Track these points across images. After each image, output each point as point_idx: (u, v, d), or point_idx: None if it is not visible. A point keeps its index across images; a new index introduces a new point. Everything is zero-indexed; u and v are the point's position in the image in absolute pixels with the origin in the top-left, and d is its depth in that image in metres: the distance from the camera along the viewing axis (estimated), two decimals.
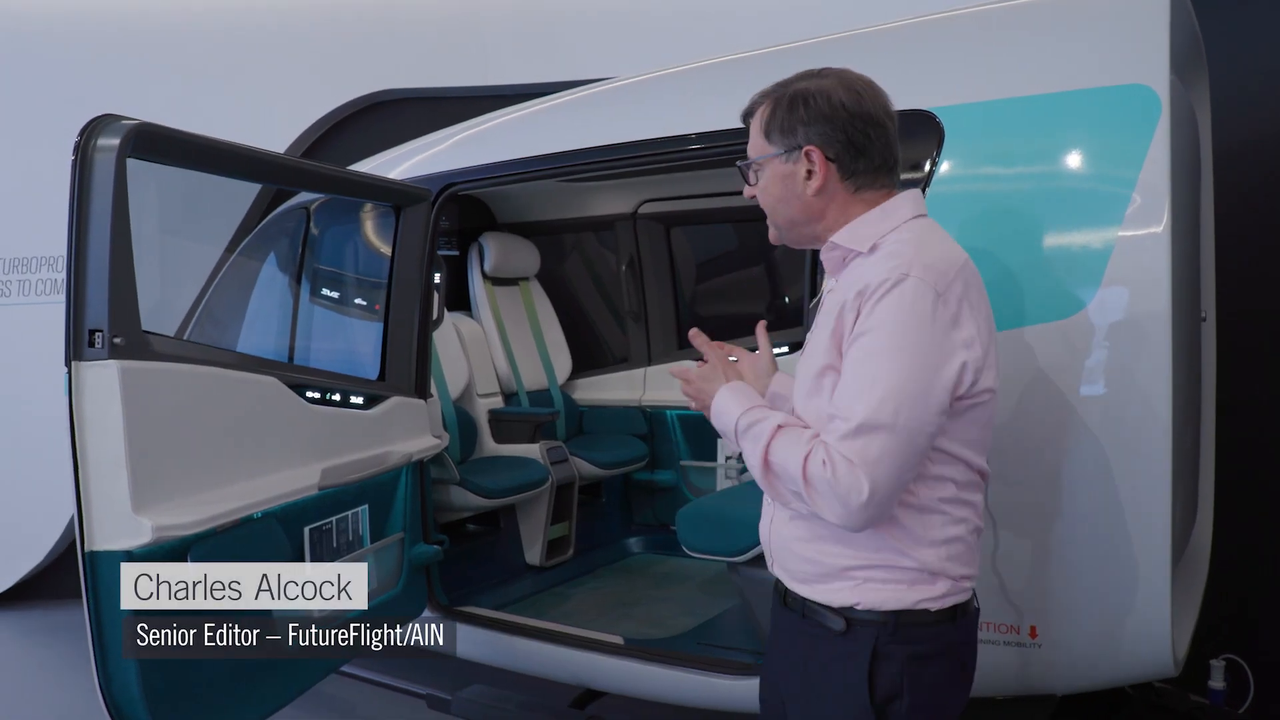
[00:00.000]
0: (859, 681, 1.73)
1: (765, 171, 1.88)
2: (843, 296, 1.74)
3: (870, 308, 1.67)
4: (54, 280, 5.84)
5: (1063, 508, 2.40)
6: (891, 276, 1.66)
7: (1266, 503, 3.79)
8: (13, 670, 5.09)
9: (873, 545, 1.74)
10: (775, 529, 1.89)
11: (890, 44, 2.92)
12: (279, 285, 4.26)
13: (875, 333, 1.65)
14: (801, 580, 1.84)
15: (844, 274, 1.85)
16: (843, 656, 1.76)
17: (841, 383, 1.68)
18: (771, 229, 1.94)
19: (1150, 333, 2.29)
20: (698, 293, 5.41)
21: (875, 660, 1.73)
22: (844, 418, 1.63)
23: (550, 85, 4.42)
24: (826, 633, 1.78)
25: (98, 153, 2.31)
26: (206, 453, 2.53)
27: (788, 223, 1.90)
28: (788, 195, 1.86)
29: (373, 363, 3.56)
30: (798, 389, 1.85)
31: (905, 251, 1.72)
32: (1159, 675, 2.50)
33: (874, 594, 1.74)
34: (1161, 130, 2.30)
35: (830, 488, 1.61)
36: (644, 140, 3.20)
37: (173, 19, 6.04)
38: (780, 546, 1.88)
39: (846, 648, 1.75)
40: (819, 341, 1.78)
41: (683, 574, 4.57)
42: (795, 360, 1.96)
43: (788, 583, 1.88)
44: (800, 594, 1.84)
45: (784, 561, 1.88)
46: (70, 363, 2.29)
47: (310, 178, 3.49)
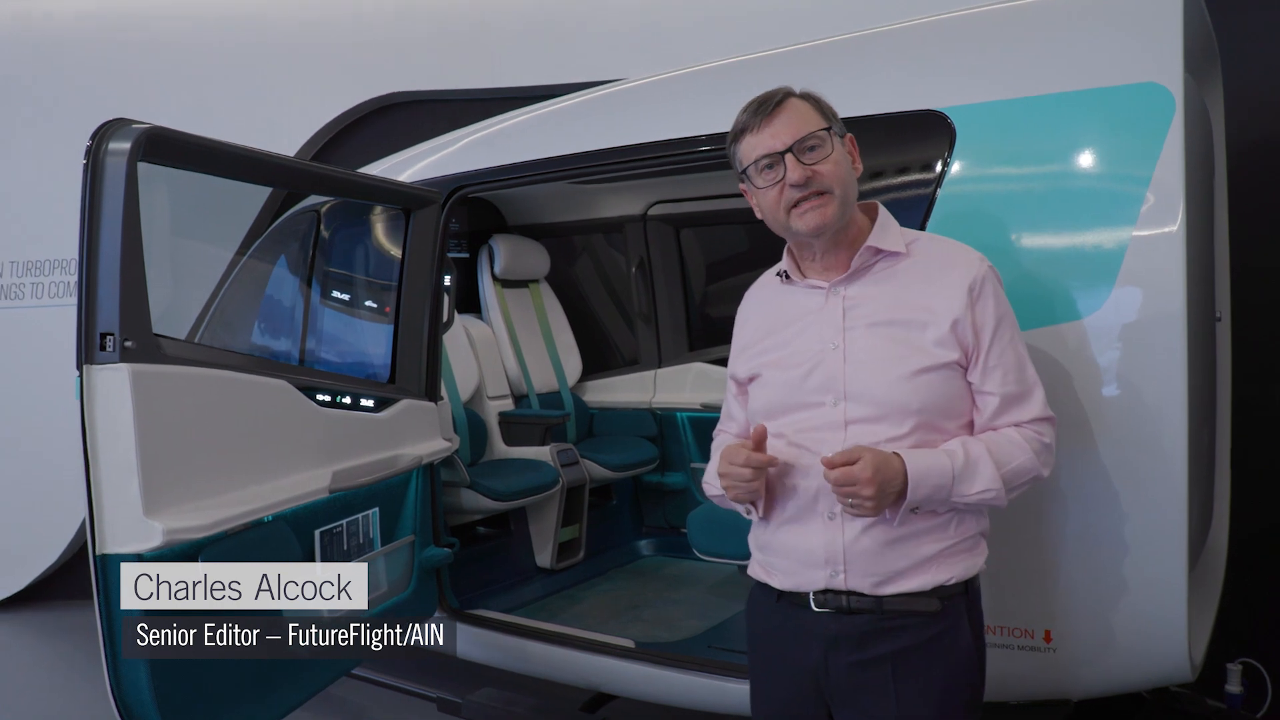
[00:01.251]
0: (969, 645, 1.91)
1: (835, 143, 1.91)
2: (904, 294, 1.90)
3: (987, 297, 1.89)
4: (67, 283, 5.87)
5: (1077, 510, 2.38)
6: (982, 268, 1.91)
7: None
8: (26, 671, 5.10)
9: (954, 524, 1.89)
10: (850, 543, 1.87)
11: (902, 44, 2.91)
12: (289, 288, 4.26)
13: (1006, 316, 1.92)
14: (885, 580, 1.86)
15: (873, 274, 1.94)
16: (946, 632, 1.88)
17: (1003, 366, 1.89)
18: (831, 207, 1.89)
19: (1165, 333, 2.27)
20: (708, 294, 5.40)
21: (970, 622, 1.92)
22: (1027, 395, 1.91)
23: (560, 87, 4.43)
24: (917, 619, 1.87)
25: (109, 157, 2.32)
26: (217, 456, 2.53)
27: (849, 200, 1.93)
28: (851, 173, 1.94)
29: (383, 365, 3.56)
30: (892, 382, 1.87)
31: (951, 245, 1.99)
32: (1175, 679, 2.48)
33: (958, 567, 1.89)
34: (1175, 129, 2.28)
35: (1052, 453, 1.93)
36: (654, 142, 3.19)
37: (184, 23, 6.06)
38: (859, 555, 1.87)
39: (944, 623, 1.88)
40: (907, 338, 1.88)
41: (693, 577, 4.56)
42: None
43: (864, 588, 1.87)
44: (877, 594, 1.86)
45: (864, 568, 1.87)
46: (82, 366, 2.29)
47: (320, 181, 3.50)
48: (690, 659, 3.24)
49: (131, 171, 2.31)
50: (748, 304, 2.15)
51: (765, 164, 1.90)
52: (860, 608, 1.87)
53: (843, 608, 1.88)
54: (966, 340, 1.87)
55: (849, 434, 1.87)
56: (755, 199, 1.98)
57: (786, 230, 1.95)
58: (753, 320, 2.10)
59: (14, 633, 5.56)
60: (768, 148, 1.89)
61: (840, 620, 1.89)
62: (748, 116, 1.93)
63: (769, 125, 1.89)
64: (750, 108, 1.93)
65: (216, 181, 2.94)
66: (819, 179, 1.87)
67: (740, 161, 1.96)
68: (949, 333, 1.86)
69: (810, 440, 1.91)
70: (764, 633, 2.05)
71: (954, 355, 1.87)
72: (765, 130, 1.89)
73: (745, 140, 1.93)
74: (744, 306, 2.16)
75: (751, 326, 2.10)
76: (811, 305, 1.97)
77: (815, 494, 1.89)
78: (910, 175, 2.60)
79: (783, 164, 1.88)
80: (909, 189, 2.59)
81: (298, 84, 5.96)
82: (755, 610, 2.08)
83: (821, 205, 1.88)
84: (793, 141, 1.87)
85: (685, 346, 5.27)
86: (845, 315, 1.92)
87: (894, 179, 2.63)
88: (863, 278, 1.94)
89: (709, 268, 5.40)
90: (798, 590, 1.94)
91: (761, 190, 1.93)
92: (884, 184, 2.63)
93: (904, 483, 1.78)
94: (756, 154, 1.91)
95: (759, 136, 1.90)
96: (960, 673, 1.91)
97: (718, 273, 5.41)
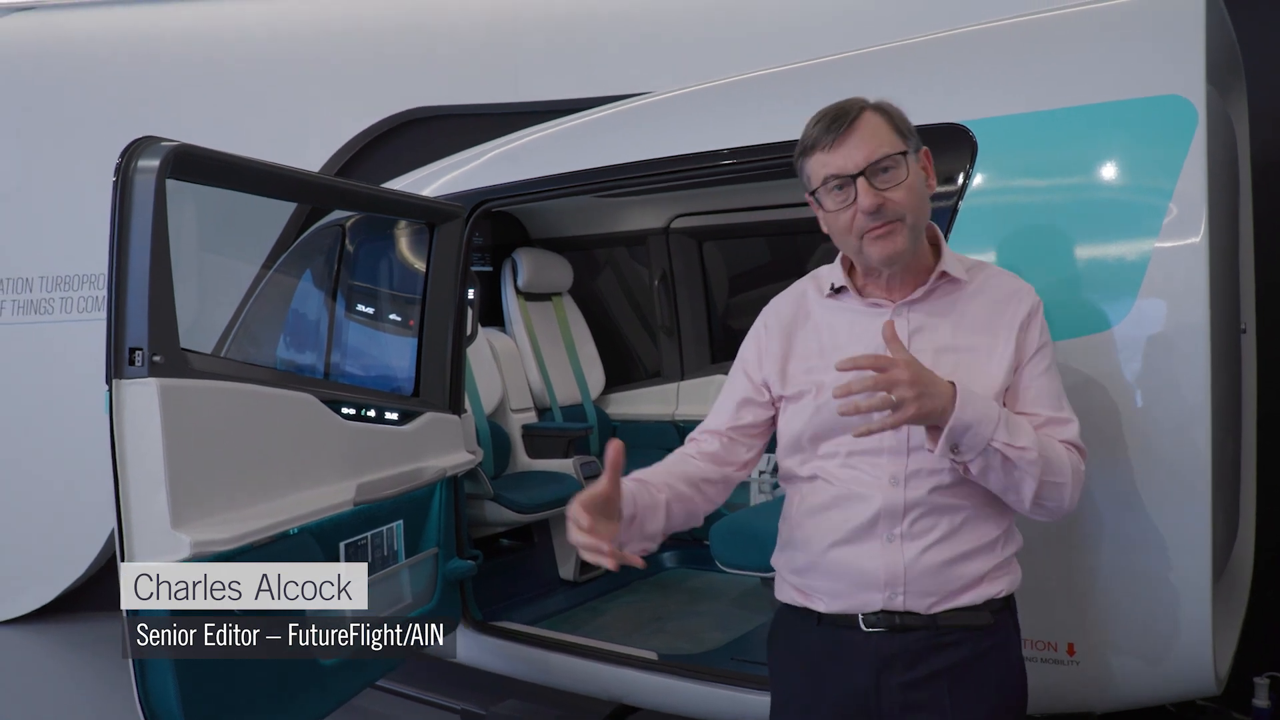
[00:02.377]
0: (1018, 657, 1.94)
1: (911, 165, 1.82)
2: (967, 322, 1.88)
3: (1037, 325, 1.89)
4: (95, 298, 5.93)
5: (1100, 523, 2.37)
6: (1034, 299, 1.91)
7: None
8: (55, 681, 5.14)
9: (1001, 544, 1.89)
10: (910, 563, 1.82)
11: (923, 57, 2.92)
12: (314, 302, 4.30)
13: (1047, 345, 1.91)
14: (943, 598, 1.84)
15: (935, 299, 1.91)
16: (998, 645, 1.88)
17: (1036, 389, 1.87)
18: (901, 236, 1.80)
19: (1189, 345, 2.26)
20: (730, 307, 5.40)
21: (1019, 633, 1.94)
22: (1065, 420, 1.88)
23: (582, 101, 4.45)
24: (972, 634, 1.86)
25: (138, 174, 2.35)
26: (244, 469, 2.56)
27: (920, 226, 1.86)
28: (925, 196, 1.87)
29: (407, 378, 3.59)
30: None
31: (1006, 275, 1.97)
32: (1200, 693, 2.46)
33: (1003, 581, 1.89)
34: (1198, 141, 2.28)
35: (1082, 477, 1.86)
36: (676, 156, 3.20)
37: (210, 41, 6.12)
38: (919, 576, 1.83)
39: (997, 637, 1.88)
40: (971, 365, 1.84)
41: (716, 589, 4.56)
42: None
43: (920, 608, 1.84)
44: (931, 612, 1.84)
45: (923, 588, 1.83)
46: (111, 380, 2.33)
47: (345, 196, 3.53)
48: (713, 671, 3.23)
49: (160, 188, 2.34)
50: (783, 311, 2.02)
51: (835, 185, 1.80)
52: (914, 625, 1.84)
53: (896, 626, 1.84)
54: (1016, 365, 1.87)
55: (912, 458, 1.82)
56: (824, 220, 1.89)
57: (858, 255, 1.86)
58: (797, 333, 1.98)
59: (44, 644, 5.61)
60: (839, 169, 1.79)
61: (893, 639, 1.84)
62: (819, 132, 1.81)
63: (842, 145, 1.78)
64: (822, 122, 1.82)
65: (243, 197, 2.98)
66: (891, 207, 1.78)
67: (809, 180, 1.87)
68: (1007, 363, 1.85)
69: (868, 464, 1.85)
70: (799, 659, 1.97)
71: (1008, 383, 1.85)
72: (838, 150, 1.79)
73: (815, 157, 1.83)
74: (777, 313, 2.03)
75: (791, 337, 1.98)
76: (873, 325, 1.85)
77: (875, 516, 1.83)
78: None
79: (854, 187, 1.78)
80: (931, 201, 2.59)
81: (323, 100, 6.01)
82: (787, 636, 2.01)
83: (891, 234, 1.79)
84: (866, 165, 1.77)
85: (708, 359, 5.28)
86: (910, 339, 1.85)
87: None
88: (927, 302, 1.89)
89: (731, 280, 5.41)
90: (846, 613, 1.88)
91: (831, 213, 1.84)
92: None
93: (949, 401, 1.67)
94: (827, 174, 1.81)
95: (830, 155, 1.80)
96: (1012, 685, 1.92)
97: (740, 285, 5.42)
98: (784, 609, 2.02)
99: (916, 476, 1.83)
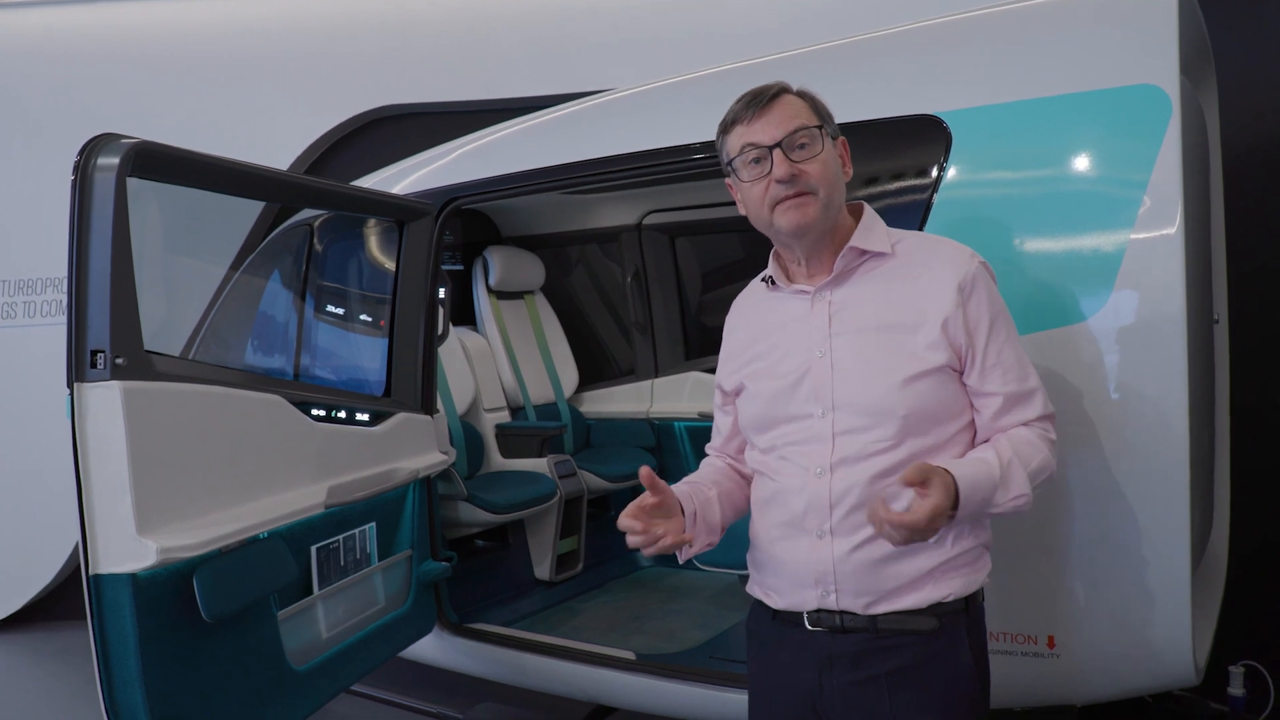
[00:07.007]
0: (969, 663, 1.86)
1: (826, 143, 1.87)
2: (892, 296, 1.85)
3: (979, 296, 1.84)
4: (59, 301, 5.85)
5: (1079, 515, 2.37)
6: (972, 265, 1.86)
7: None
8: (22, 693, 5.07)
9: (951, 539, 1.82)
10: (839, 561, 1.81)
11: (896, 49, 2.90)
12: (283, 302, 4.25)
13: (1000, 314, 1.86)
14: (878, 598, 1.82)
15: (858, 277, 1.89)
16: (944, 650, 1.83)
17: (1001, 365, 1.84)
18: (813, 208, 1.83)
19: (1165, 336, 2.26)
20: (704, 303, 5.39)
21: (970, 640, 1.86)
22: (1031, 392, 1.86)
23: (553, 98, 4.42)
24: (915, 638, 1.82)
25: (97, 172, 2.29)
26: (211, 473, 2.51)
27: (834, 204, 1.87)
28: (839, 176, 1.90)
29: (378, 379, 3.54)
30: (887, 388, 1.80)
31: (940, 242, 1.94)
32: (1180, 684, 2.46)
33: (956, 583, 1.84)
34: (1172, 131, 2.27)
35: (1055, 449, 1.88)
36: (648, 151, 3.18)
37: (175, 36, 6.05)
38: (849, 575, 1.82)
39: (942, 642, 1.83)
40: (897, 343, 1.82)
41: (693, 587, 4.54)
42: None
43: (856, 608, 1.83)
44: (870, 613, 1.82)
45: (855, 587, 1.82)
46: (72, 384, 2.26)
47: (313, 194, 3.48)
48: (692, 670, 3.22)
49: (120, 187, 2.28)
50: (735, 312, 2.11)
51: (753, 157, 1.85)
52: (854, 627, 1.83)
53: (836, 627, 1.84)
54: (959, 341, 1.82)
55: (837, 445, 1.82)
56: (740, 193, 1.93)
57: (769, 228, 1.89)
58: (739, 329, 2.06)
59: (10, 655, 5.52)
60: (756, 139, 1.84)
61: (835, 639, 1.85)
62: (740, 108, 1.88)
63: (760, 118, 1.84)
64: (744, 99, 1.88)
65: (209, 196, 2.93)
66: (805, 178, 1.82)
67: (728, 153, 1.91)
68: (940, 335, 1.81)
69: (798, 454, 1.86)
70: (762, 651, 2.01)
71: (945, 358, 1.81)
72: (756, 123, 1.84)
73: (735, 131, 1.88)
74: (731, 315, 2.11)
75: (737, 336, 2.06)
76: (797, 312, 1.91)
77: (804, 510, 1.84)
78: (906, 180, 2.59)
79: (770, 159, 1.83)
80: (905, 194, 2.58)
81: (291, 97, 5.95)
82: (754, 628, 2.05)
83: (803, 205, 1.82)
84: (782, 136, 1.82)
85: (682, 356, 5.26)
86: (831, 321, 1.87)
87: (890, 184, 2.62)
88: (848, 281, 1.89)
89: (704, 276, 5.39)
90: (792, 609, 1.90)
91: (746, 184, 1.88)
92: (880, 189, 2.62)
93: (953, 500, 1.68)
94: (744, 143, 1.86)
95: (749, 128, 1.85)
96: (960, 691, 1.86)
97: (713, 281, 5.40)
98: (753, 603, 2.05)
99: (844, 464, 1.81)
